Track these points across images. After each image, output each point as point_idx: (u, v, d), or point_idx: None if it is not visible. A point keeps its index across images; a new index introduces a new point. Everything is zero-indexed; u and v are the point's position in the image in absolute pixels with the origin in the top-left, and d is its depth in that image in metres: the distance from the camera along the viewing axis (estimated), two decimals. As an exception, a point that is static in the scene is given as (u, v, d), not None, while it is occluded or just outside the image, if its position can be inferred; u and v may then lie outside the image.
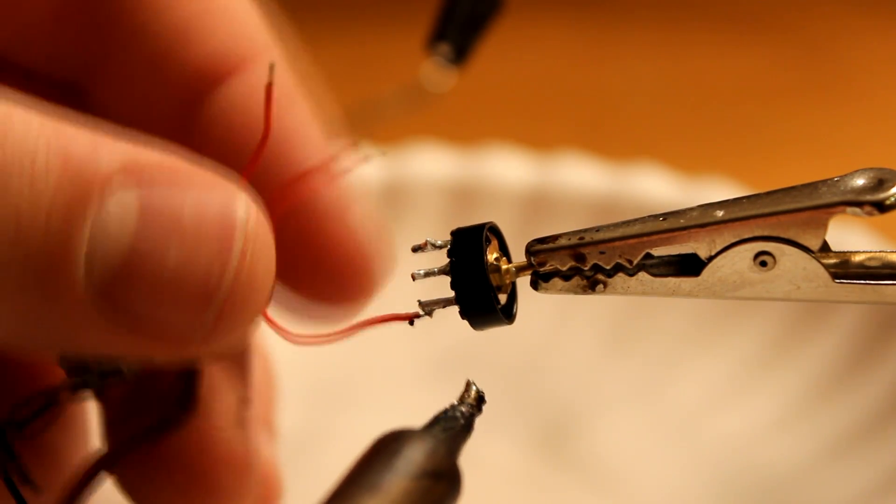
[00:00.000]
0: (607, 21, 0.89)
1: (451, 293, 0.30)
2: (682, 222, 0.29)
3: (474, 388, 0.30)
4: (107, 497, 0.32)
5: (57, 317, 0.27)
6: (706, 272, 0.30)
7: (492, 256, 0.30)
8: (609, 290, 0.30)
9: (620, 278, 0.30)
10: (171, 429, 0.31)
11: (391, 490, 0.27)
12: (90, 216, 0.26)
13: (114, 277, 0.26)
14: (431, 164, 0.64)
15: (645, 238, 0.30)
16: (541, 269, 0.31)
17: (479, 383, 0.30)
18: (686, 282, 0.30)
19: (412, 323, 0.31)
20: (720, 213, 0.29)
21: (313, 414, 0.56)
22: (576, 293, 0.31)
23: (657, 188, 0.63)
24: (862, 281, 0.29)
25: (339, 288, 0.35)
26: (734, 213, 0.29)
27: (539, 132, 0.75)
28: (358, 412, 0.56)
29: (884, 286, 0.29)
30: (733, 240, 0.29)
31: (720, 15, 0.90)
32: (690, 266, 0.30)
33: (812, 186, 0.29)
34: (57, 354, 0.30)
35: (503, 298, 0.31)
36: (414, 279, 0.31)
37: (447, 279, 0.30)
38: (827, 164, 0.53)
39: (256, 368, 0.35)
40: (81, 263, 0.26)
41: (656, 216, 0.30)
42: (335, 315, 0.35)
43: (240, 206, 0.27)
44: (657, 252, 0.30)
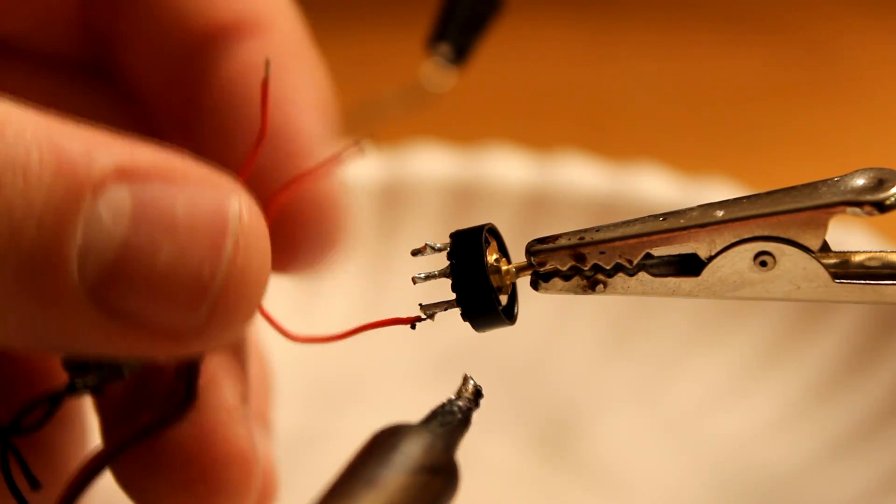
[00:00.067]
0: (607, 21, 0.89)
1: (452, 295, 0.30)
2: (682, 222, 0.29)
3: (472, 383, 0.30)
4: (107, 495, 0.32)
5: (51, 315, 0.27)
6: (706, 272, 0.30)
7: (492, 258, 0.30)
8: (609, 290, 0.30)
9: (620, 278, 0.30)
10: (171, 425, 0.31)
11: (388, 485, 0.27)
12: (83, 214, 0.26)
13: (107, 274, 0.26)
14: (431, 164, 0.64)
15: (645, 238, 0.30)
16: (541, 270, 0.31)
17: (480, 384, 0.30)
18: (686, 282, 0.30)
19: (414, 326, 0.31)
20: (720, 213, 0.29)
21: (313, 414, 0.56)
22: (576, 293, 0.31)
23: (657, 188, 0.63)
24: (862, 281, 0.29)
25: (309, 238, 0.36)
26: (734, 213, 0.29)
27: (539, 132, 0.75)
28: (357, 412, 0.56)
29: (884, 286, 0.29)
30: (733, 240, 0.29)
31: (720, 15, 0.90)
32: (690, 266, 0.30)
33: (812, 186, 0.29)
34: (52, 353, 0.30)
35: (504, 299, 0.31)
36: (415, 283, 0.31)
37: (447, 281, 0.30)
38: (827, 164, 0.53)
39: (252, 365, 0.35)
40: (75, 260, 0.26)
41: (656, 216, 0.30)
42: (300, 268, 0.36)
43: (233, 203, 0.27)
44: (657, 252, 0.30)
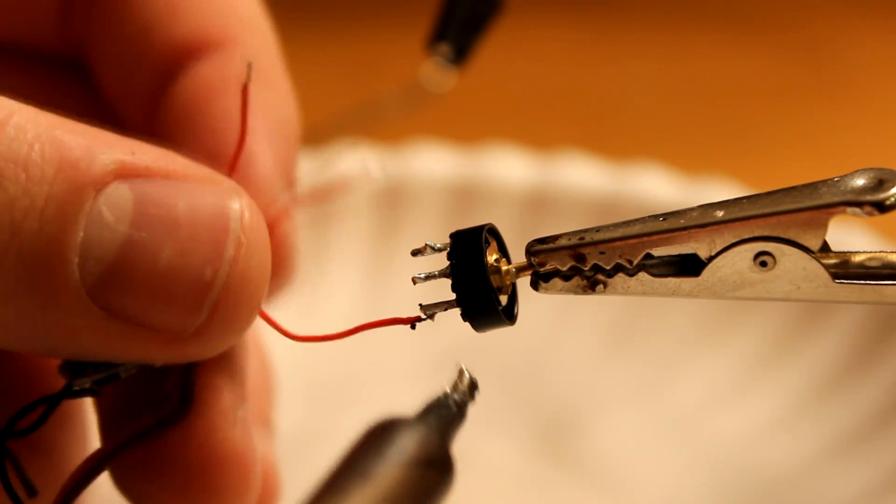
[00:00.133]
0: (607, 21, 0.89)
1: (452, 295, 0.30)
2: (683, 222, 0.29)
3: (467, 375, 0.30)
4: (105, 497, 0.32)
5: (51, 314, 0.27)
6: (706, 272, 0.30)
7: (491, 258, 0.30)
8: (609, 291, 0.30)
9: (620, 278, 0.30)
10: (169, 427, 0.31)
11: (382, 478, 0.26)
12: (84, 213, 0.26)
13: (108, 273, 0.26)
14: (432, 164, 0.64)
15: (645, 238, 0.30)
16: (541, 270, 0.31)
17: (480, 384, 0.30)
18: (686, 282, 0.30)
19: (413, 326, 0.31)
20: (720, 214, 0.29)
21: (313, 413, 0.56)
22: (576, 293, 0.31)
23: (657, 188, 0.63)
24: (862, 281, 0.29)
25: None
26: (734, 214, 0.29)
27: (539, 132, 0.75)
28: (357, 411, 0.55)
29: (884, 286, 0.29)
30: (733, 240, 0.29)
31: (720, 15, 0.90)
32: (690, 266, 0.30)
33: (812, 186, 0.29)
34: (51, 355, 0.30)
35: (504, 299, 0.31)
36: (415, 283, 0.31)
37: (447, 281, 0.30)
38: (827, 165, 0.53)
39: (253, 365, 0.35)
40: (76, 260, 0.26)
41: (656, 216, 0.30)
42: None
43: (234, 203, 0.27)
44: (657, 252, 0.30)
